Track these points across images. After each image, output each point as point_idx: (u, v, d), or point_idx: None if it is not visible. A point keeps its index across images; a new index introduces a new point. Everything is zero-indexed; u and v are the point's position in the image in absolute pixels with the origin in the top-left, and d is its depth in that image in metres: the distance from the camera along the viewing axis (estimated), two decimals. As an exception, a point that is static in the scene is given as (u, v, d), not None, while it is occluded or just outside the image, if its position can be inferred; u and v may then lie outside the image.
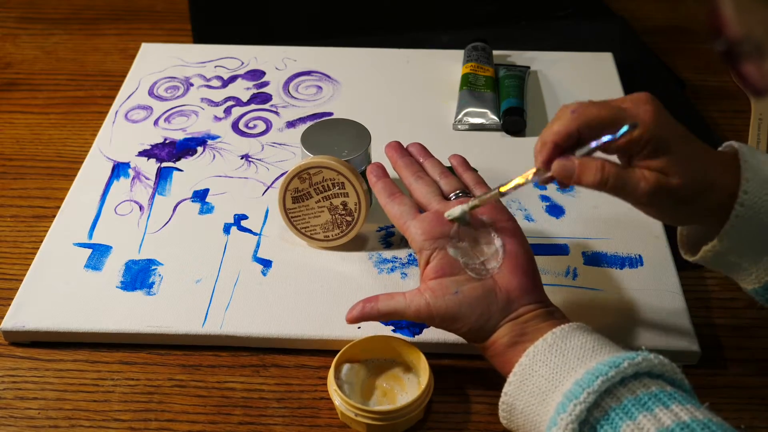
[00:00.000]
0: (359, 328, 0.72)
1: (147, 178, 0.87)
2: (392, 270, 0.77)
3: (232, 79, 1.02)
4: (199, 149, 0.91)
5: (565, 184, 0.61)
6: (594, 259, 0.78)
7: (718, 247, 0.61)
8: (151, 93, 1.00)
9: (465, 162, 0.74)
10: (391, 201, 0.69)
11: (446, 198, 0.69)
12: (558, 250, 0.79)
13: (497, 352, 0.62)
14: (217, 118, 0.96)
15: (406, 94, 1.00)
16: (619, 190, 0.59)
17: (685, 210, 0.61)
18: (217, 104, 0.98)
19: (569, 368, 0.57)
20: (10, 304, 0.74)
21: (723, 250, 0.61)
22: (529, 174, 0.62)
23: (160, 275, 0.77)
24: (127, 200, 0.85)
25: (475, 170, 0.74)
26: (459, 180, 0.71)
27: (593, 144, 0.58)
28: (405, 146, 0.75)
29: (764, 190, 0.59)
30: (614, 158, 0.61)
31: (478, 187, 0.70)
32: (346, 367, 0.67)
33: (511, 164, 0.89)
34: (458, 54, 1.04)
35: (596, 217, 0.83)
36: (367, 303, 0.66)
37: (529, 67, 1.02)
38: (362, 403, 0.65)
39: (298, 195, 0.76)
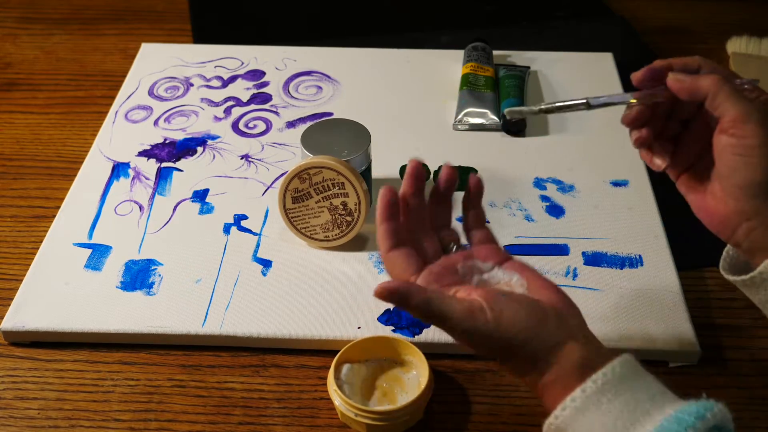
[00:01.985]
0: (359, 328, 0.72)
1: (147, 178, 0.88)
2: (392, 270, 0.77)
3: (232, 79, 1.02)
4: (199, 149, 0.91)
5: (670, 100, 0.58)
6: (594, 259, 0.78)
7: None
8: (151, 93, 1.00)
9: (480, 193, 0.62)
10: (387, 256, 0.59)
11: (444, 251, 0.61)
12: (558, 250, 0.79)
13: (559, 375, 0.54)
14: (217, 118, 0.96)
15: (406, 94, 1.00)
16: (734, 97, 0.54)
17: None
18: (217, 104, 0.98)
19: (642, 411, 0.51)
20: (10, 304, 0.74)
21: None
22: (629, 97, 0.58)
23: (160, 275, 0.77)
24: (127, 200, 0.85)
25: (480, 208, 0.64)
26: (453, 231, 0.63)
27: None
28: (413, 168, 0.61)
29: None
30: None
31: (475, 229, 0.62)
32: (346, 367, 0.67)
33: (511, 164, 0.89)
34: (458, 54, 1.04)
35: (596, 217, 0.83)
36: (414, 289, 0.55)
37: (529, 67, 1.02)
38: (362, 403, 0.65)
39: (298, 195, 0.76)
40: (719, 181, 0.57)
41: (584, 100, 0.57)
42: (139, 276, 0.76)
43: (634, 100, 0.58)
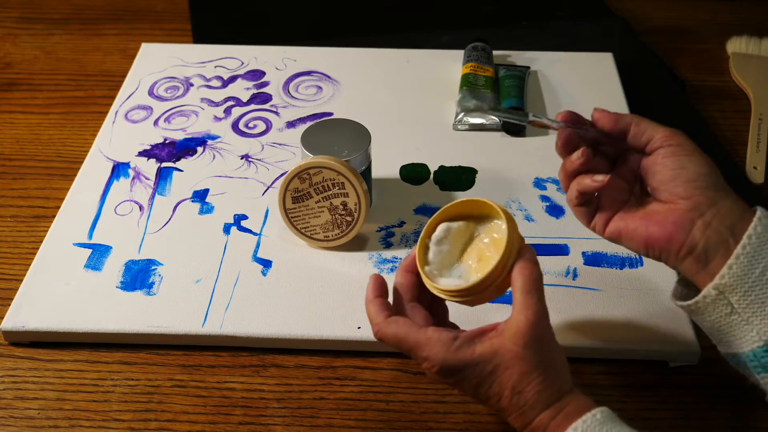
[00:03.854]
0: (359, 328, 0.72)
1: (147, 178, 0.88)
2: (392, 270, 0.77)
3: (232, 79, 1.02)
4: (199, 149, 0.91)
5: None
6: (594, 259, 0.78)
7: (727, 278, 0.55)
8: (151, 93, 1.00)
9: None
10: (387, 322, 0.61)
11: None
12: (558, 250, 0.79)
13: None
14: (217, 118, 0.96)
15: (406, 94, 1.00)
16: (655, 124, 0.59)
17: (713, 164, 0.58)
18: (217, 104, 0.98)
19: None
20: (10, 304, 0.74)
21: (732, 282, 0.55)
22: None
23: (160, 275, 0.77)
24: (127, 200, 0.85)
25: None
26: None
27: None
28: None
29: None
30: None
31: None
32: (442, 227, 0.63)
33: (511, 164, 0.89)
34: (458, 54, 1.04)
35: (596, 217, 0.82)
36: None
37: (529, 67, 1.02)
38: (455, 264, 0.63)
39: (298, 195, 0.76)
40: (662, 194, 0.59)
41: (528, 114, 0.62)
42: (139, 276, 0.76)
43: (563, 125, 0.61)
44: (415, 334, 0.58)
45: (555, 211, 0.84)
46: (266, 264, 0.78)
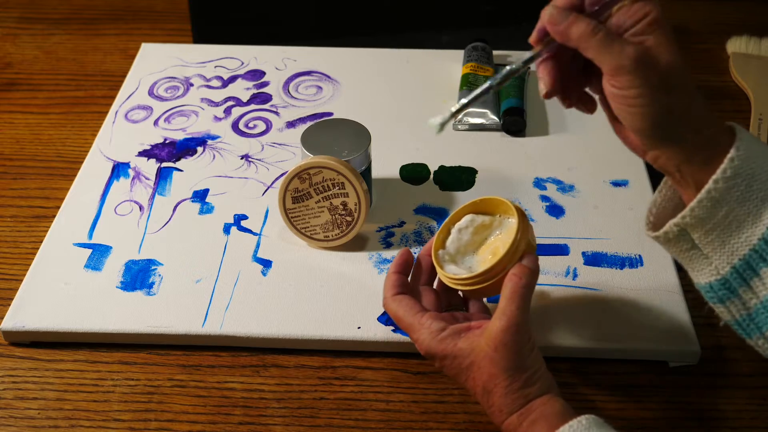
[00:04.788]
0: (359, 328, 0.72)
1: (147, 178, 0.88)
2: (392, 270, 0.77)
3: (232, 79, 1.02)
4: (199, 149, 0.91)
5: (553, 53, 0.59)
6: (594, 259, 0.78)
7: (689, 219, 0.55)
8: (151, 93, 1.00)
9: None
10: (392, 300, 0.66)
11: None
12: (558, 250, 0.79)
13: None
14: (217, 118, 0.96)
15: (406, 94, 1.00)
16: (605, 47, 0.54)
17: (663, 104, 0.54)
18: (217, 104, 0.98)
19: None
20: (10, 304, 0.74)
21: (694, 222, 0.55)
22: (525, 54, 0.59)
23: (160, 275, 0.77)
24: (127, 200, 0.85)
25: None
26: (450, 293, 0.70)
27: (592, 11, 0.56)
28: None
29: (755, 158, 0.54)
30: None
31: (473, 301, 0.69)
32: (468, 217, 0.68)
33: (511, 164, 0.89)
34: (458, 54, 1.04)
35: (596, 217, 0.83)
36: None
37: (529, 67, 1.02)
38: (469, 254, 0.67)
39: (298, 195, 0.76)
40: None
41: (487, 84, 0.61)
42: (139, 276, 0.76)
43: (534, 54, 0.60)
44: (411, 318, 0.64)
45: (555, 211, 0.84)
46: (266, 264, 0.78)
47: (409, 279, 0.69)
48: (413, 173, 0.88)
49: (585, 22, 0.55)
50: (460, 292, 0.69)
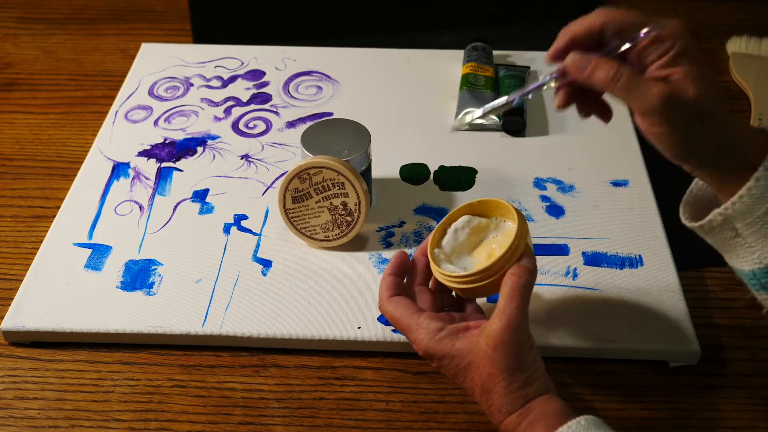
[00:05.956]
0: (359, 328, 0.72)
1: (147, 178, 0.88)
2: (392, 270, 0.77)
3: (232, 79, 1.02)
4: (199, 149, 0.91)
5: (577, 81, 0.58)
6: (594, 259, 0.78)
7: (739, 206, 0.55)
8: (151, 93, 1.00)
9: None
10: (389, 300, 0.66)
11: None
12: (558, 250, 0.79)
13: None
14: (217, 118, 0.96)
15: (406, 94, 1.00)
16: (630, 91, 0.55)
17: (696, 134, 0.55)
18: (217, 104, 0.98)
19: None
20: (10, 304, 0.74)
21: (738, 212, 0.56)
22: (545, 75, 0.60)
23: (160, 275, 0.77)
24: (127, 200, 0.85)
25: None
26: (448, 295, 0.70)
27: (614, 45, 0.57)
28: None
29: None
30: None
31: (469, 302, 0.69)
32: (464, 218, 0.67)
33: (511, 164, 0.89)
34: (458, 54, 1.04)
35: (596, 217, 0.83)
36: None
37: (529, 67, 1.02)
38: (464, 255, 0.67)
39: (298, 195, 0.77)
40: None
41: (505, 99, 0.63)
42: (139, 276, 0.76)
43: (553, 84, 0.60)
44: (408, 318, 0.63)
45: (555, 211, 0.84)
46: (266, 264, 0.78)
47: (404, 280, 0.68)
48: (413, 173, 0.88)
49: (607, 66, 0.56)
50: (454, 293, 0.69)
